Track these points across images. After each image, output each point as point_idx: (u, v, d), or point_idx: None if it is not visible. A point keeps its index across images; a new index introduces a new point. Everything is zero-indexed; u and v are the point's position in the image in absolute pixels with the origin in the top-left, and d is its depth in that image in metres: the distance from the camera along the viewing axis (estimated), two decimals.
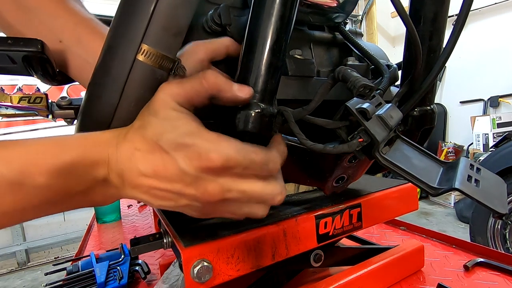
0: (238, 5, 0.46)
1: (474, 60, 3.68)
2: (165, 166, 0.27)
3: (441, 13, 0.44)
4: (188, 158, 0.27)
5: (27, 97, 0.45)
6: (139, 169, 0.28)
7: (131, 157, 0.28)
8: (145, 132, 0.28)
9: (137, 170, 0.28)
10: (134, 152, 0.28)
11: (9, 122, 2.49)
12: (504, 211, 0.34)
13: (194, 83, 0.30)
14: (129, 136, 0.29)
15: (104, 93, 0.31)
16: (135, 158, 0.28)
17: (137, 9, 0.29)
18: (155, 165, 0.27)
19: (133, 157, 0.28)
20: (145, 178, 0.28)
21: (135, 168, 0.28)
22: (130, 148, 0.28)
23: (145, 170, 0.28)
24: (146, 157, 0.28)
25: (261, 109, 0.33)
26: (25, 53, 0.33)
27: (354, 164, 0.46)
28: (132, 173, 0.28)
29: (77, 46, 0.38)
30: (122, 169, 0.28)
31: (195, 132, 0.28)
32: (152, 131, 0.28)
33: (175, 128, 0.28)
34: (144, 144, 0.28)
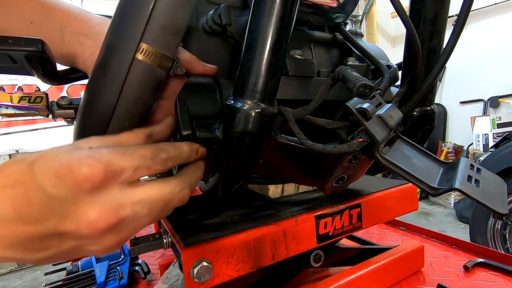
0: (238, 5, 0.46)
1: (474, 60, 3.68)
2: (28, 197, 0.21)
3: (441, 13, 0.44)
4: (55, 176, 0.22)
5: (27, 97, 0.45)
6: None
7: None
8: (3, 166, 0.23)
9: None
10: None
11: (9, 122, 2.49)
12: (504, 211, 0.34)
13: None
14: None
15: (103, 92, 0.30)
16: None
17: (136, 9, 0.29)
18: (15, 200, 0.21)
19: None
20: (6, 224, 0.21)
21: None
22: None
23: (4, 212, 0.21)
24: (3, 194, 0.21)
25: (261, 109, 0.33)
26: (25, 52, 0.33)
27: (354, 164, 0.46)
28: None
29: (46, 21, 0.38)
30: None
31: (67, 148, 0.23)
32: (24, 161, 0.23)
33: (41, 155, 0.23)
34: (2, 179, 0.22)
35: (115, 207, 0.23)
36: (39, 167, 0.22)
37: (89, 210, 0.22)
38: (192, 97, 0.36)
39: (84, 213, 0.22)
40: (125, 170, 0.24)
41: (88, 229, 0.22)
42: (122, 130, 0.33)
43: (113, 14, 0.30)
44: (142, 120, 0.35)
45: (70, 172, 0.22)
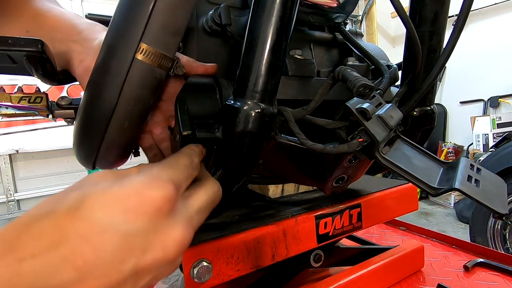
0: (238, 5, 0.46)
1: (474, 60, 3.68)
2: (90, 248, 0.18)
3: (441, 13, 0.44)
4: (125, 212, 0.19)
5: (27, 97, 0.45)
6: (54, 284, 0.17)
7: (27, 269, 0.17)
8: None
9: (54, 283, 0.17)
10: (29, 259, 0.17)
11: (9, 122, 2.49)
12: (504, 211, 0.34)
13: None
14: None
15: (103, 92, 0.30)
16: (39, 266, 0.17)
17: (136, 9, 0.29)
18: (73, 258, 0.18)
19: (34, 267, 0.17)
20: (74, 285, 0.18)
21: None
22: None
23: (66, 277, 0.17)
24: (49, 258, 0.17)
25: (261, 109, 0.33)
26: (25, 52, 0.33)
27: (354, 164, 0.46)
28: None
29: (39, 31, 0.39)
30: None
31: (108, 181, 0.21)
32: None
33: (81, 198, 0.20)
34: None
35: (189, 221, 0.23)
36: (92, 210, 0.19)
37: (173, 232, 0.21)
38: (192, 97, 0.36)
39: (169, 237, 0.21)
40: (182, 182, 0.24)
41: (175, 251, 0.21)
42: (122, 130, 0.33)
43: (113, 14, 0.30)
44: (142, 120, 0.35)
45: (144, 200, 0.20)
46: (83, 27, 0.39)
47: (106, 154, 0.35)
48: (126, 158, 0.40)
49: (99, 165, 0.37)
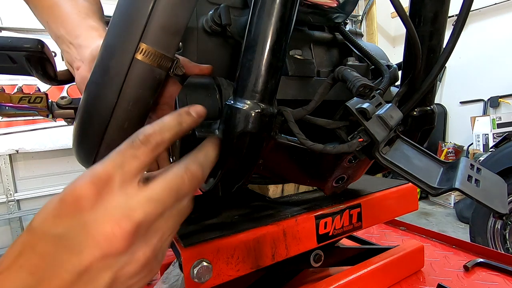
0: (238, 5, 0.46)
1: (474, 60, 3.67)
2: (38, 254, 0.20)
3: (441, 13, 0.44)
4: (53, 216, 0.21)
5: (27, 97, 0.45)
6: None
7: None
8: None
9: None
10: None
11: (9, 122, 2.49)
12: (504, 211, 0.34)
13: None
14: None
15: (102, 92, 0.30)
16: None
17: (135, 9, 0.29)
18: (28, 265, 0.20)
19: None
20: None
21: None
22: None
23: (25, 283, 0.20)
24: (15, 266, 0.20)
25: (261, 109, 0.33)
26: (25, 52, 0.33)
27: (354, 164, 0.46)
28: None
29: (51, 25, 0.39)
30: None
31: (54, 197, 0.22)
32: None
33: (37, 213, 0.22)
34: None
35: (125, 213, 0.22)
36: (36, 221, 0.21)
37: (101, 226, 0.21)
38: (192, 97, 0.36)
39: (98, 233, 0.21)
40: (109, 172, 0.23)
41: (110, 245, 0.21)
42: (121, 130, 0.33)
43: (113, 14, 0.30)
44: (141, 120, 0.35)
45: (63, 203, 0.21)
46: (82, 31, 0.38)
47: (106, 154, 0.34)
48: None
49: None
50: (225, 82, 0.39)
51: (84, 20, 0.39)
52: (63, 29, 0.38)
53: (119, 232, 0.21)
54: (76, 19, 0.38)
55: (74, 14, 0.39)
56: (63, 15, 0.38)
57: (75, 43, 0.38)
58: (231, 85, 0.39)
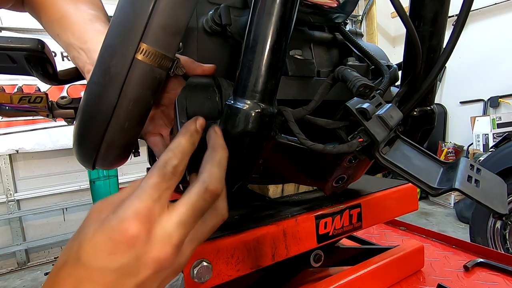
0: (238, 5, 0.46)
1: (474, 60, 3.67)
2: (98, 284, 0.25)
3: (441, 13, 0.44)
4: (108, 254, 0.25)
5: (27, 97, 0.45)
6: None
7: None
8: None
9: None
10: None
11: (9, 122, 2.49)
12: (504, 211, 0.34)
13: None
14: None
15: (103, 92, 0.30)
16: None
17: (136, 9, 0.29)
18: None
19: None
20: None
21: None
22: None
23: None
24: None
25: (261, 109, 0.33)
26: (25, 52, 0.33)
27: (354, 164, 0.46)
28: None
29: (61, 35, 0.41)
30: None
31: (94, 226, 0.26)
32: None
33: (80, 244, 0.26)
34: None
35: (166, 240, 0.26)
36: (87, 256, 0.25)
37: (151, 255, 0.26)
38: (192, 97, 0.36)
39: (149, 260, 0.26)
40: (150, 207, 0.26)
41: (159, 265, 0.26)
42: (122, 130, 0.33)
43: (113, 14, 0.30)
44: (142, 121, 0.35)
45: (116, 242, 0.25)
46: (90, 36, 0.39)
47: (106, 154, 0.35)
48: (126, 158, 0.40)
49: (99, 165, 0.37)
50: (225, 82, 0.39)
51: (91, 26, 0.40)
52: (72, 36, 0.40)
53: (164, 256, 0.26)
54: (83, 26, 0.40)
55: (81, 22, 0.40)
56: (71, 23, 0.40)
57: (84, 48, 0.39)
58: (231, 85, 0.39)
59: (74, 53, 0.40)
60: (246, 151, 0.35)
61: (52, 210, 2.62)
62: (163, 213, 0.27)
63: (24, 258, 2.70)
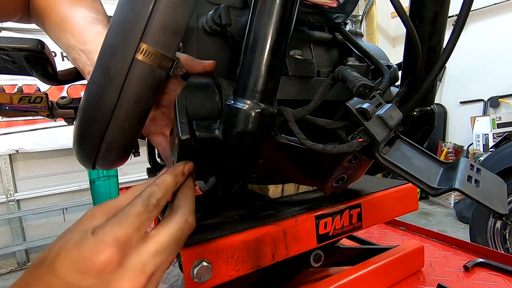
0: (238, 5, 0.46)
1: (474, 60, 3.67)
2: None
3: (441, 13, 0.44)
4: (79, 272, 0.25)
5: (27, 97, 0.45)
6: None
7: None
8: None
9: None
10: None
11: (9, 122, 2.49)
12: (504, 211, 0.34)
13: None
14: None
15: (103, 92, 0.30)
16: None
17: (136, 9, 0.29)
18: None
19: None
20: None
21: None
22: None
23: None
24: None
25: (261, 109, 0.33)
26: (25, 52, 0.33)
27: (354, 164, 0.46)
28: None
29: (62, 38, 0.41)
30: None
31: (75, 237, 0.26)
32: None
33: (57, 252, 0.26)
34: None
35: (140, 269, 0.27)
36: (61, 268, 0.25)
37: (122, 284, 0.26)
38: (192, 98, 0.36)
39: (119, 287, 0.26)
40: (130, 236, 0.27)
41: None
42: (122, 130, 0.33)
43: (113, 14, 0.30)
44: (142, 121, 0.35)
45: (90, 264, 0.25)
46: (90, 37, 0.40)
47: (106, 154, 0.35)
48: (126, 158, 0.40)
49: (99, 165, 0.37)
50: (225, 82, 0.39)
51: (91, 28, 0.40)
52: (72, 38, 0.40)
53: (137, 285, 0.26)
54: (83, 28, 0.40)
55: (81, 24, 0.40)
56: (72, 26, 0.40)
57: (84, 49, 0.39)
58: (231, 85, 0.39)
59: (74, 55, 0.40)
60: (246, 151, 0.35)
61: (52, 210, 2.62)
62: (140, 242, 0.27)
63: (24, 258, 2.70)
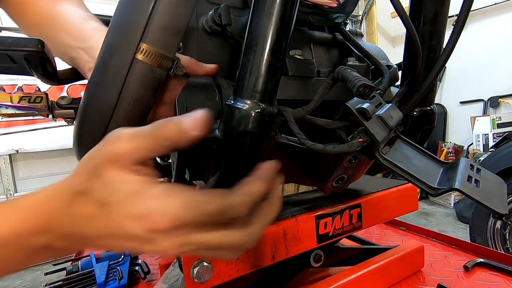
0: (238, 5, 0.46)
1: (474, 60, 3.67)
2: (111, 230, 0.26)
3: (441, 13, 0.44)
4: (133, 222, 0.25)
5: (27, 97, 0.45)
6: (84, 234, 0.26)
7: (73, 222, 0.26)
8: (87, 198, 0.26)
9: (82, 235, 0.27)
10: (76, 217, 0.26)
11: (9, 122, 2.49)
12: (504, 211, 0.34)
13: (147, 141, 0.26)
14: (69, 199, 0.27)
15: (103, 92, 0.31)
16: (78, 224, 0.26)
17: (136, 9, 0.29)
18: (101, 230, 0.26)
19: (76, 222, 0.26)
20: (94, 239, 0.27)
21: (80, 233, 0.27)
22: (71, 214, 0.26)
23: (90, 234, 0.26)
24: (90, 223, 0.26)
25: (261, 109, 0.33)
26: (25, 52, 0.33)
27: (354, 164, 0.46)
28: (79, 237, 0.27)
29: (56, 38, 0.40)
30: (66, 233, 0.27)
31: (139, 191, 0.26)
32: (95, 196, 0.26)
33: (118, 191, 0.26)
34: (87, 209, 0.26)
35: (180, 244, 0.26)
36: (117, 210, 0.25)
37: (161, 242, 0.26)
38: (192, 97, 0.36)
39: (158, 244, 0.26)
40: (188, 223, 0.26)
41: (161, 251, 0.27)
42: None
43: (113, 14, 0.30)
44: (142, 121, 0.35)
45: (144, 220, 0.25)
46: (88, 34, 0.39)
47: None
48: None
49: None
50: (225, 82, 0.39)
51: (86, 25, 0.40)
52: (68, 36, 0.39)
53: (168, 252, 0.27)
54: (79, 25, 0.39)
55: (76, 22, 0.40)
56: (66, 25, 0.39)
57: (83, 46, 0.39)
58: (231, 85, 0.39)
59: (73, 54, 0.39)
60: (246, 151, 0.35)
61: None
62: (191, 229, 0.27)
63: None
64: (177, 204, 0.26)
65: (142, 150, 0.26)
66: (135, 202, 0.25)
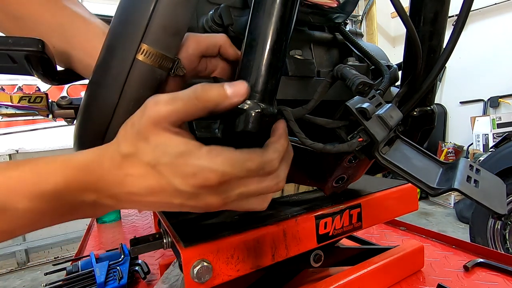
0: (238, 5, 0.46)
1: (474, 60, 3.68)
2: (161, 187, 0.28)
3: (441, 13, 0.44)
4: (183, 179, 0.27)
5: (27, 97, 0.45)
6: (133, 192, 0.28)
7: (123, 182, 0.28)
8: (136, 159, 0.28)
9: (132, 193, 0.28)
10: (126, 177, 0.28)
11: (9, 122, 2.49)
12: (503, 211, 0.34)
13: (186, 103, 0.28)
14: (117, 162, 0.28)
15: (104, 92, 0.31)
16: (128, 183, 0.28)
17: (137, 9, 0.29)
18: (151, 187, 0.28)
19: (126, 182, 0.28)
20: (142, 197, 0.28)
21: (129, 192, 0.28)
22: (121, 175, 0.28)
23: (140, 192, 0.28)
24: (140, 182, 0.28)
25: (261, 109, 0.33)
26: (25, 52, 0.33)
27: (354, 164, 0.46)
28: (127, 196, 0.28)
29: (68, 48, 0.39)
30: (115, 193, 0.28)
31: (188, 152, 0.28)
32: (144, 158, 0.27)
33: (167, 152, 0.27)
34: (137, 169, 0.28)
35: (224, 198, 0.29)
36: (165, 170, 0.27)
37: (207, 198, 0.29)
38: None
39: (203, 199, 0.29)
40: (234, 178, 0.29)
41: (204, 206, 0.30)
42: None
43: (114, 15, 0.31)
44: None
45: (195, 176, 0.27)
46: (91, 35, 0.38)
47: None
48: None
49: None
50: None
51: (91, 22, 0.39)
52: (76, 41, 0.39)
53: (213, 207, 0.30)
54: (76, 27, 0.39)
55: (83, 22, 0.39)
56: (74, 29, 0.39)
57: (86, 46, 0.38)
58: None
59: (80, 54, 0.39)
60: None
61: None
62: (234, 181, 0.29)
63: (24, 258, 2.70)
64: (224, 162, 0.28)
65: (182, 112, 0.28)
66: (186, 162, 0.27)
